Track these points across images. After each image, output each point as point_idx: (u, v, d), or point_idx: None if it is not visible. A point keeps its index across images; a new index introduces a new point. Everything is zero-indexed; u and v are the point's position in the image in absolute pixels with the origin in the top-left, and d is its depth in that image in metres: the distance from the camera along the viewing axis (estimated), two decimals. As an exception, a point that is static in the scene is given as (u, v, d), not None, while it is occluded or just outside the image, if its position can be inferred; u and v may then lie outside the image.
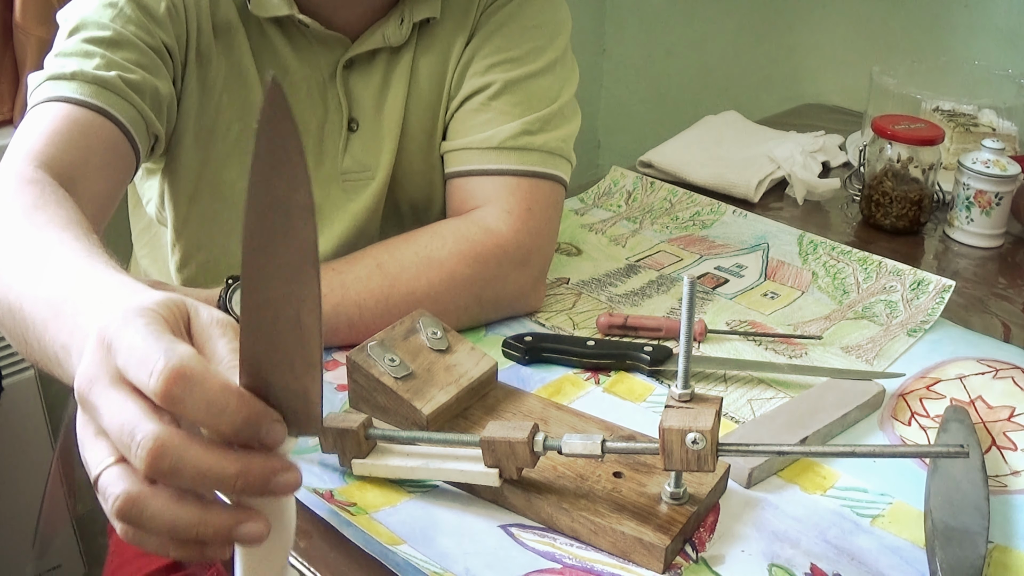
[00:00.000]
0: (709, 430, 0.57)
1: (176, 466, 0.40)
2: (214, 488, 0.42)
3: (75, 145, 0.74)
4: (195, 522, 0.42)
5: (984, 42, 1.47)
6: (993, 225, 1.12)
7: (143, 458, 0.40)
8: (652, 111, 2.02)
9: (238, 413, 0.41)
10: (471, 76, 0.91)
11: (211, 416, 0.41)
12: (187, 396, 0.41)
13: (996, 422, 0.77)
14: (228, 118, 0.87)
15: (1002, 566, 0.63)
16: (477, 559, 0.61)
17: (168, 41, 0.81)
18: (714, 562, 0.62)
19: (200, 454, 0.41)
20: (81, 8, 0.80)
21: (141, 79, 0.78)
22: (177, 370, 0.40)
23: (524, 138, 0.89)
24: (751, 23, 1.78)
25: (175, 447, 0.40)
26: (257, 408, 0.42)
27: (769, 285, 0.99)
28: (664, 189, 1.20)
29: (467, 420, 0.72)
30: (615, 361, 0.83)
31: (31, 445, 1.40)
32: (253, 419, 0.42)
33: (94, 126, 0.76)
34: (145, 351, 0.42)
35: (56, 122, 0.75)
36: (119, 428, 0.41)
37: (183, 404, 0.41)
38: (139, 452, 0.40)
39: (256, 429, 0.42)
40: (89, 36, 0.78)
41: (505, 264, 0.86)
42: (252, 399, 0.42)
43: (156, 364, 0.41)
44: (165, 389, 0.40)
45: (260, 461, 0.42)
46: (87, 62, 0.77)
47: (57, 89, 0.76)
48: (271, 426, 0.42)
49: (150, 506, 0.41)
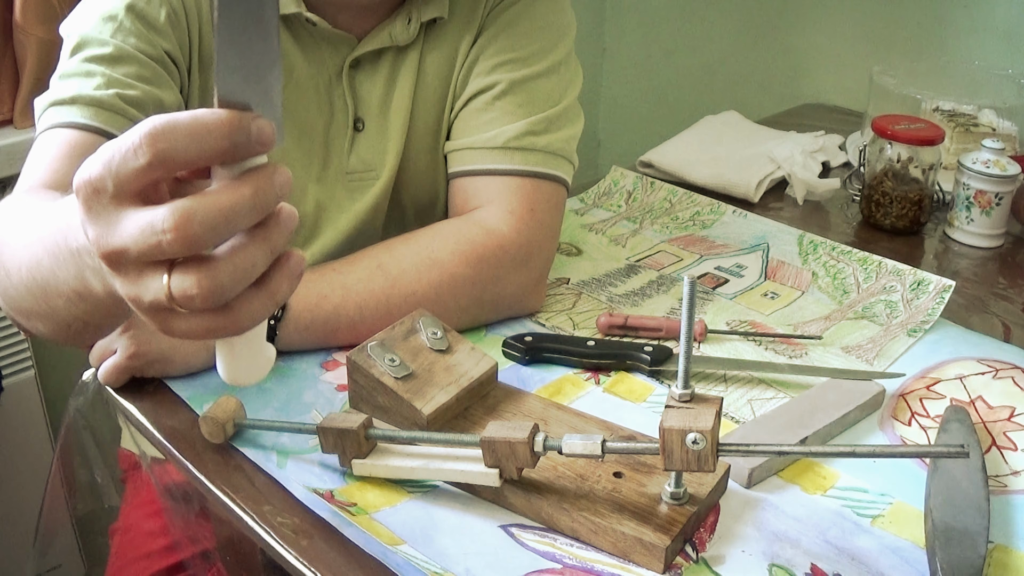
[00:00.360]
0: (709, 430, 0.57)
1: (204, 223, 0.42)
2: (245, 222, 0.43)
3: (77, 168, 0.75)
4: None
5: (984, 42, 1.47)
6: (993, 225, 1.12)
7: (171, 237, 0.42)
8: (652, 111, 2.02)
9: (220, 126, 0.42)
10: (476, 76, 0.91)
11: (200, 143, 0.42)
12: (171, 144, 0.42)
13: (996, 422, 0.77)
14: None
15: (1002, 566, 0.63)
16: (477, 559, 0.61)
17: (170, 49, 0.81)
18: (714, 562, 0.62)
19: (215, 199, 0.42)
20: (82, 22, 0.81)
21: (143, 93, 0.79)
22: (150, 132, 0.42)
23: (528, 138, 0.89)
24: (751, 23, 1.78)
25: (194, 209, 0.42)
26: (234, 116, 0.43)
27: (769, 285, 0.99)
28: (664, 189, 1.20)
29: (467, 420, 0.72)
30: (615, 361, 0.83)
31: (31, 445, 1.40)
32: (237, 124, 0.43)
33: (94, 147, 0.76)
34: (121, 148, 0.43)
35: (59, 148, 0.76)
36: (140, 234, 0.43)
37: (174, 154, 0.42)
38: (167, 236, 0.42)
39: (245, 133, 0.43)
40: (90, 55, 0.79)
41: (506, 265, 0.86)
42: (225, 112, 0.43)
43: (132, 143, 0.42)
44: (151, 154, 0.42)
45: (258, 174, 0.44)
46: (86, 83, 0.77)
47: (58, 115, 0.77)
48: (256, 123, 0.43)
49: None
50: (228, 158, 0.44)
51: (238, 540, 0.75)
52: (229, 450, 0.71)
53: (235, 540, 0.76)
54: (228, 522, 0.68)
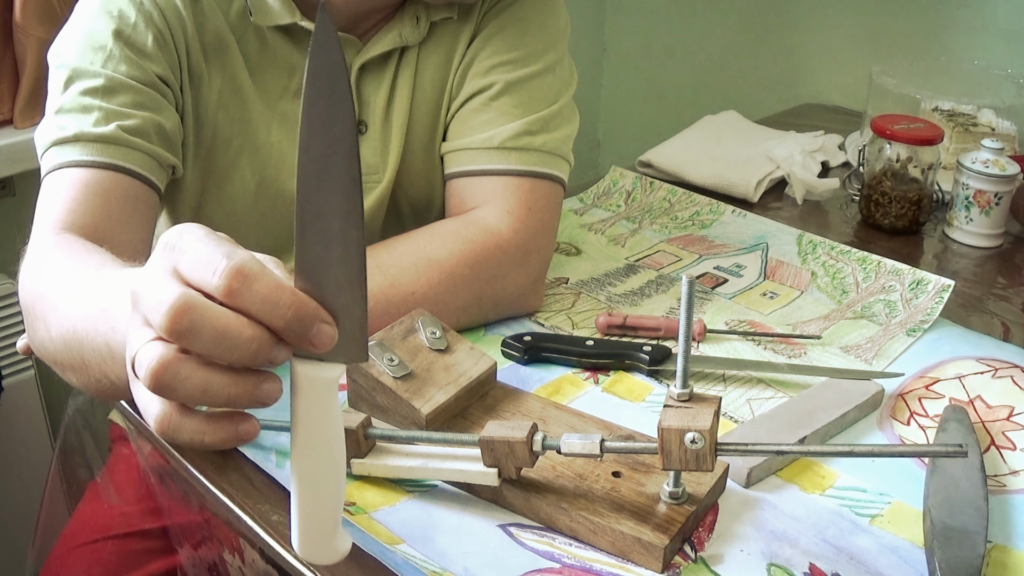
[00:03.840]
0: (708, 430, 0.57)
1: (196, 323, 0.44)
2: (231, 350, 0.44)
3: (94, 205, 0.76)
4: (225, 382, 0.45)
5: (984, 42, 1.47)
6: (992, 225, 1.12)
7: (164, 314, 0.44)
8: (652, 111, 2.02)
9: (290, 307, 0.44)
10: (472, 77, 0.92)
11: (265, 308, 0.44)
12: (245, 290, 0.44)
13: (995, 421, 0.77)
14: (226, 135, 0.87)
15: (1001, 566, 0.63)
16: (476, 558, 0.61)
17: (161, 72, 0.82)
18: (713, 562, 0.62)
19: (220, 313, 0.44)
20: (70, 54, 0.81)
21: (142, 121, 0.79)
22: (238, 267, 0.44)
23: (525, 138, 0.89)
24: (751, 23, 1.78)
25: (198, 305, 0.44)
26: (309, 305, 0.45)
27: (768, 285, 0.99)
28: (663, 189, 1.20)
29: (466, 420, 0.72)
30: (614, 361, 0.83)
31: (31, 445, 1.40)
32: (304, 314, 0.45)
33: (108, 183, 0.78)
34: (209, 252, 0.45)
35: (71, 188, 0.77)
36: (153, 298, 0.45)
37: (241, 297, 0.44)
38: (161, 309, 0.44)
39: (307, 326, 0.45)
40: (84, 88, 0.79)
41: (505, 264, 0.86)
42: (305, 297, 0.45)
43: (219, 263, 0.44)
44: (227, 284, 0.44)
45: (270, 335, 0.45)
46: (86, 119, 0.78)
47: (64, 155, 0.78)
48: (321, 326, 0.45)
49: (183, 369, 0.45)
50: (281, 334, 0.45)
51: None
52: (228, 450, 0.71)
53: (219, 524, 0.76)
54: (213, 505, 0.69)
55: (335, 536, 0.50)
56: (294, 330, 0.45)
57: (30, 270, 0.72)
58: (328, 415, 0.48)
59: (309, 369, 0.47)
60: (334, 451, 0.49)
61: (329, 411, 0.48)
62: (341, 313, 0.46)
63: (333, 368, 0.47)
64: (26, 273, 0.73)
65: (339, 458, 0.49)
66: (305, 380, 0.47)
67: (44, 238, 0.74)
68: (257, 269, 0.44)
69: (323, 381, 0.47)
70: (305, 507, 0.49)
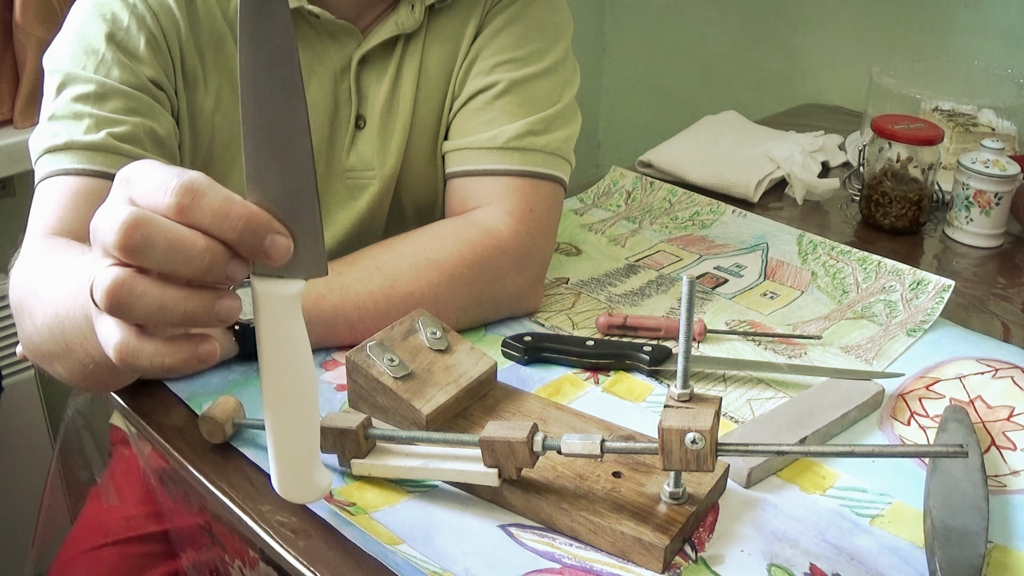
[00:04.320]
0: (708, 430, 0.57)
1: (148, 237, 0.44)
2: (184, 263, 0.44)
3: (83, 213, 0.76)
4: (181, 297, 0.45)
5: (984, 42, 1.47)
6: (992, 225, 1.12)
7: (116, 231, 0.44)
8: (652, 111, 2.02)
9: (240, 218, 0.44)
10: (475, 76, 0.91)
11: (216, 221, 0.44)
12: (195, 205, 0.44)
13: (995, 422, 0.77)
14: (224, 138, 0.87)
15: (1001, 566, 0.63)
16: (476, 559, 0.61)
17: (154, 76, 0.81)
18: (713, 562, 0.62)
19: (171, 226, 0.44)
20: (63, 59, 0.81)
21: (133, 127, 0.79)
22: (187, 184, 0.44)
23: (528, 139, 0.89)
24: (751, 23, 1.79)
25: (147, 220, 0.44)
26: (261, 216, 0.45)
27: (768, 285, 0.99)
28: (663, 189, 1.20)
29: (466, 420, 0.72)
30: (614, 361, 0.83)
31: (31, 445, 1.40)
32: (256, 225, 0.44)
33: (98, 190, 0.78)
34: (161, 175, 0.45)
35: (61, 196, 0.77)
36: (106, 223, 0.45)
37: (192, 212, 0.44)
38: (113, 227, 0.44)
39: (260, 237, 0.44)
40: (75, 94, 0.79)
41: (505, 265, 0.86)
42: (257, 208, 0.45)
43: (169, 183, 0.45)
44: (177, 201, 0.44)
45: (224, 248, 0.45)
46: (76, 127, 0.78)
47: (55, 163, 0.78)
48: (275, 237, 0.45)
49: (138, 285, 0.45)
50: (236, 247, 0.45)
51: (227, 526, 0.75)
52: (228, 450, 0.71)
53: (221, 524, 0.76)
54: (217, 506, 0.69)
55: (314, 471, 0.49)
56: (247, 242, 0.45)
57: (19, 271, 0.73)
58: (292, 334, 0.47)
59: (268, 286, 0.46)
60: (303, 373, 0.47)
61: (293, 330, 0.47)
62: (295, 225, 0.45)
63: (293, 284, 0.46)
64: (15, 274, 0.73)
65: (308, 380, 0.47)
66: (265, 298, 0.46)
67: (34, 243, 0.75)
68: (206, 184, 0.44)
69: (284, 298, 0.46)
70: (279, 439, 0.48)
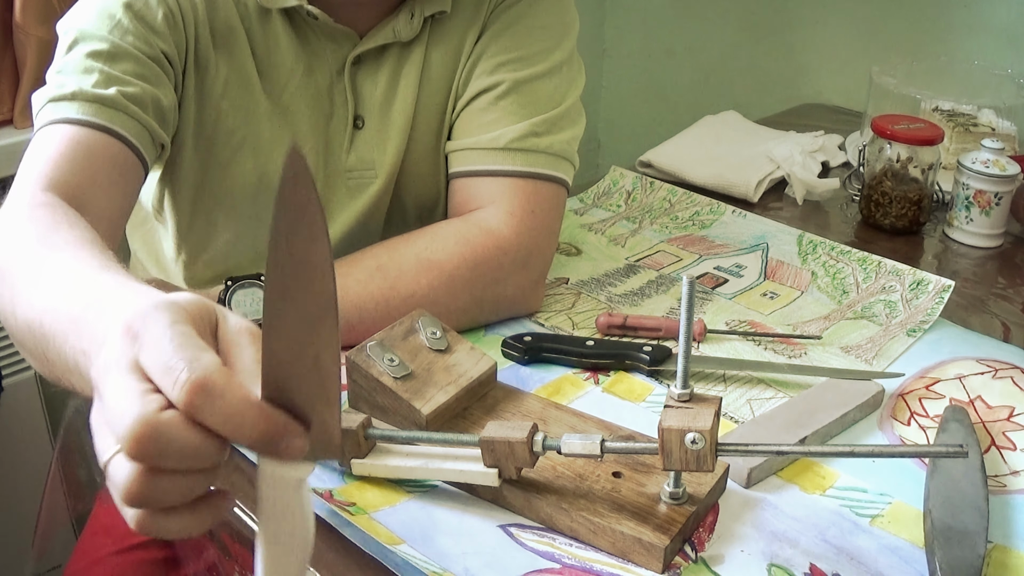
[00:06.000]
0: (708, 430, 0.57)
1: (161, 449, 0.41)
2: (197, 464, 0.42)
3: (81, 166, 0.75)
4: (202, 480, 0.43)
5: (984, 42, 1.47)
6: (992, 225, 1.12)
7: (127, 439, 0.41)
8: (652, 111, 2.02)
9: (256, 427, 0.42)
10: (478, 75, 0.91)
11: (230, 428, 0.41)
12: (208, 407, 0.41)
13: (995, 422, 0.77)
14: (230, 125, 0.87)
15: (1001, 566, 0.63)
16: (476, 559, 0.61)
17: (167, 50, 0.81)
18: (713, 562, 0.62)
19: (184, 437, 0.41)
20: (79, 20, 0.80)
21: (141, 91, 0.79)
22: (200, 382, 0.41)
23: (531, 139, 0.89)
24: (751, 23, 1.78)
25: (161, 433, 0.41)
26: (277, 422, 0.42)
27: (768, 285, 0.99)
28: (664, 189, 1.20)
29: (466, 420, 0.72)
30: (614, 361, 0.83)
31: (31, 445, 1.40)
32: (272, 432, 0.42)
33: (98, 145, 0.76)
34: (171, 356, 0.42)
35: (61, 144, 0.75)
36: (117, 409, 0.42)
37: (203, 414, 0.41)
38: (124, 430, 0.41)
39: (275, 443, 0.42)
40: (88, 50, 0.78)
41: (505, 266, 0.86)
42: (273, 412, 0.42)
43: (180, 374, 0.41)
44: (187, 400, 0.41)
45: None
46: (86, 79, 0.77)
47: (59, 111, 0.77)
48: (291, 440, 0.42)
49: (159, 484, 0.42)
50: (249, 447, 0.43)
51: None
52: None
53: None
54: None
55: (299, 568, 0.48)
56: (262, 447, 0.42)
57: (3, 228, 0.69)
58: (294, 513, 0.45)
59: (275, 467, 0.43)
60: (299, 546, 0.46)
61: (295, 509, 0.45)
62: (311, 416, 0.43)
63: (303, 468, 0.44)
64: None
65: (303, 553, 0.46)
66: (270, 479, 0.44)
67: (23, 197, 0.72)
68: (221, 382, 0.41)
69: (291, 481, 0.44)
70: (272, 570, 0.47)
